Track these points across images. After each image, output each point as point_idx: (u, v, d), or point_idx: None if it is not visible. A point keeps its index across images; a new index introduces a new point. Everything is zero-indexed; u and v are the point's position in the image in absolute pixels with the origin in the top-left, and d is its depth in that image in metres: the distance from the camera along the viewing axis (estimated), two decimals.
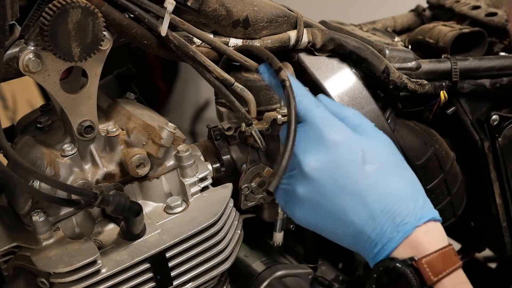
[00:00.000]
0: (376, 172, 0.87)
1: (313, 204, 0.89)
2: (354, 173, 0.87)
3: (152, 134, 1.01)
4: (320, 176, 0.88)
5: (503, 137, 1.24)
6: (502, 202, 1.28)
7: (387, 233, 0.85)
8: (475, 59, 1.24)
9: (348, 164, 0.87)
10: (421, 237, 0.85)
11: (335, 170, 0.87)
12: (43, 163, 0.95)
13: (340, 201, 0.87)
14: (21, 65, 0.91)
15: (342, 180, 0.87)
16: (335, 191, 0.87)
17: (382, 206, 0.86)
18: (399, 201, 0.86)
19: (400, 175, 0.89)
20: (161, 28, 0.97)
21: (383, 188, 0.86)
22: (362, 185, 0.87)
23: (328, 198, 0.87)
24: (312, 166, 0.88)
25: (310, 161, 0.88)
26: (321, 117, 0.91)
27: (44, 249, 0.96)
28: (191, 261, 1.01)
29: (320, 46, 1.15)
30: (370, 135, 0.92)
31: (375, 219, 0.85)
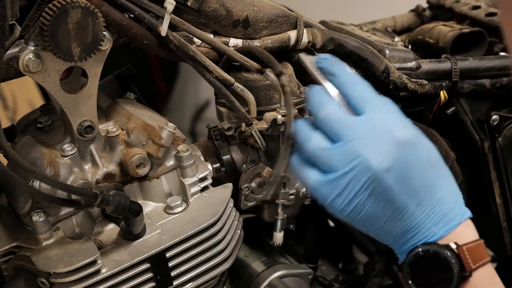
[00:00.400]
0: (436, 174, 0.88)
1: (371, 203, 0.86)
2: (422, 172, 0.86)
3: (152, 134, 1.01)
4: (390, 178, 0.84)
5: (503, 137, 1.24)
6: (502, 202, 1.28)
7: (437, 227, 0.86)
8: (475, 59, 1.24)
9: (418, 166, 0.86)
10: (462, 231, 0.87)
11: (405, 172, 0.85)
12: (43, 163, 0.95)
13: (402, 202, 0.85)
14: (21, 65, 0.91)
15: (411, 181, 0.85)
16: (400, 193, 0.85)
17: (437, 206, 0.87)
18: (449, 201, 0.88)
19: (449, 175, 0.90)
20: (161, 28, 0.97)
21: (439, 190, 0.87)
22: (425, 186, 0.86)
23: (391, 198, 0.85)
24: (383, 167, 0.84)
25: (381, 161, 0.84)
26: (388, 110, 0.89)
27: (44, 249, 0.96)
28: (191, 261, 1.01)
29: (320, 46, 1.15)
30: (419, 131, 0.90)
31: (428, 217, 0.86)
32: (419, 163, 0.86)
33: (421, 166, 0.86)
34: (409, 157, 0.85)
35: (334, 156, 0.85)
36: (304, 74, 1.15)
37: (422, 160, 0.86)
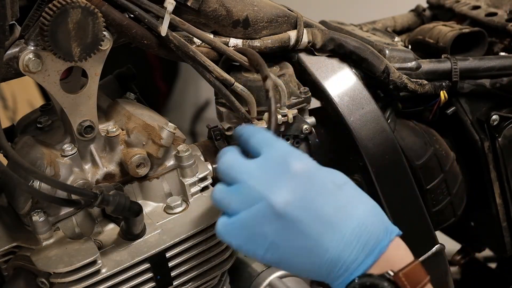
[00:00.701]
0: (346, 195, 0.85)
1: (283, 239, 0.83)
2: (327, 200, 0.83)
3: (152, 134, 1.01)
4: (293, 210, 0.82)
5: (503, 137, 1.24)
6: (502, 202, 1.28)
7: (365, 253, 0.82)
8: (475, 59, 1.24)
9: (321, 191, 0.83)
10: (393, 253, 0.83)
11: (309, 200, 0.83)
12: (43, 163, 0.95)
13: (315, 231, 0.82)
14: (21, 65, 0.91)
15: (318, 208, 0.83)
16: (309, 223, 0.82)
17: (356, 229, 0.82)
18: (371, 221, 0.83)
19: (363, 194, 0.87)
20: (161, 28, 0.97)
21: (355, 211, 0.83)
22: (336, 209, 0.83)
23: (302, 230, 0.82)
24: (283, 200, 0.82)
25: (280, 196, 0.82)
26: (282, 147, 0.87)
27: (44, 249, 0.96)
28: (191, 261, 1.01)
29: (320, 46, 1.15)
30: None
31: (350, 243, 0.82)
32: (322, 188, 0.84)
33: (325, 191, 0.84)
34: (309, 185, 0.83)
35: (234, 200, 0.85)
36: (304, 74, 1.15)
37: (325, 184, 0.84)
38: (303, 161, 0.86)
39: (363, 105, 1.14)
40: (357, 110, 1.13)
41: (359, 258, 0.82)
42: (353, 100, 1.13)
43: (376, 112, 1.14)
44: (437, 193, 1.24)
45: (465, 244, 1.46)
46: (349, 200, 0.84)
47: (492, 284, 1.64)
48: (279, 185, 0.83)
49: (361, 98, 1.14)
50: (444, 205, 1.25)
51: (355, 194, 0.86)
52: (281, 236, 0.83)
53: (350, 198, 0.85)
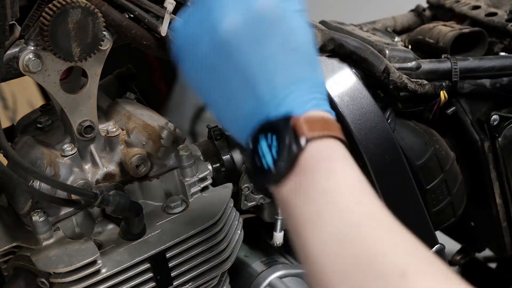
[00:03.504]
0: (296, 56, 0.76)
1: (222, 65, 0.76)
2: (277, 51, 0.75)
3: (152, 134, 1.01)
4: (237, 40, 0.75)
5: (503, 137, 1.24)
6: (502, 202, 1.28)
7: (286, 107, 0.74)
8: (475, 59, 1.24)
9: (273, 40, 0.75)
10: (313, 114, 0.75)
11: (256, 41, 0.75)
12: (43, 163, 0.95)
13: (255, 68, 0.75)
14: (21, 65, 0.91)
15: (263, 54, 0.75)
16: (252, 57, 0.75)
17: (297, 88, 0.75)
18: (313, 88, 0.77)
19: (313, 60, 0.78)
20: (161, 28, 0.97)
21: (303, 73, 0.76)
22: (283, 65, 0.75)
23: (241, 61, 0.75)
24: (230, 28, 0.75)
25: (228, 22, 0.75)
26: None
27: (44, 249, 0.96)
28: (191, 261, 1.01)
29: (320, 46, 1.15)
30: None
31: (287, 94, 0.75)
32: (275, 39, 0.75)
33: (277, 44, 0.75)
34: (264, 28, 0.75)
35: (191, 12, 0.78)
36: None
37: (279, 37, 0.75)
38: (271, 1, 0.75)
39: (363, 105, 1.13)
40: (357, 110, 1.13)
41: (279, 110, 0.74)
42: (353, 100, 1.13)
43: (376, 112, 1.14)
44: (437, 193, 1.24)
45: (465, 244, 1.46)
46: (296, 66, 0.76)
47: (492, 284, 1.64)
48: (234, 13, 0.75)
49: (361, 98, 1.14)
50: (444, 205, 1.25)
51: (306, 63, 0.77)
52: (218, 61, 0.76)
53: (297, 64, 0.76)
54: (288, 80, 0.75)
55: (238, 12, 0.75)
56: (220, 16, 0.75)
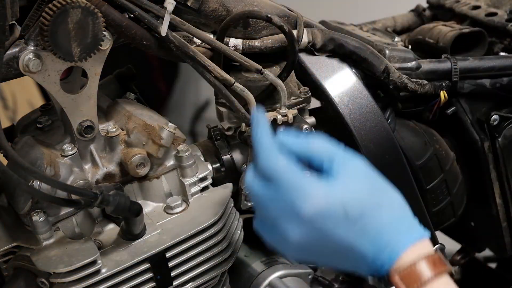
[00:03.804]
0: (361, 218, 0.84)
1: (308, 251, 0.87)
2: (341, 234, 0.84)
3: (152, 134, 1.01)
4: (309, 246, 0.85)
5: (503, 137, 1.24)
6: (502, 202, 1.28)
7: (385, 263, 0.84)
8: (475, 59, 1.24)
9: (332, 229, 0.83)
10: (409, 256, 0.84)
11: (321, 239, 0.84)
12: (43, 163, 0.95)
13: (336, 260, 0.87)
14: (21, 65, 0.91)
15: (325, 245, 0.85)
16: (327, 255, 0.86)
17: (376, 245, 0.84)
18: (388, 231, 0.85)
19: (382, 208, 0.86)
20: (161, 28, 0.97)
21: (374, 228, 0.84)
22: (347, 240, 0.84)
23: (321, 259, 0.88)
24: (297, 239, 0.84)
25: (294, 233, 0.84)
26: (288, 181, 0.84)
27: (44, 249, 0.96)
28: (191, 261, 1.01)
29: (320, 46, 1.15)
30: (343, 175, 0.85)
31: (374, 261, 0.84)
32: (336, 226, 0.84)
33: (339, 227, 0.84)
34: (322, 226, 0.83)
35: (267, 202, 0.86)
36: (304, 74, 1.15)
37: (338, 221, 0.84)
38: (312, 199, 0.83)
39: (363, 105, 1.14)
40: (357, 110, 1.13)
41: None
42: (353, 100, 1.13)
43: (376, 112, 1.14)
44: (437, 193, 1.24)
45: (465, 244, 1.46)
46: (365, 221, 0.84)
47: (492, 284, 1.64)
48: (292, 223, 0.84)
49: (361, 98, 1.14)
50: (444, 205, 1.25)
51: (371, 212, 0.84)
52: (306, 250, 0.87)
53: (366, 217, 0.84)
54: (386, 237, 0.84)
55: (296, 226, 0.84)
56: (288, 228, 0.85)
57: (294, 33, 1.12)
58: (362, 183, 0.86)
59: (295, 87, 1.12)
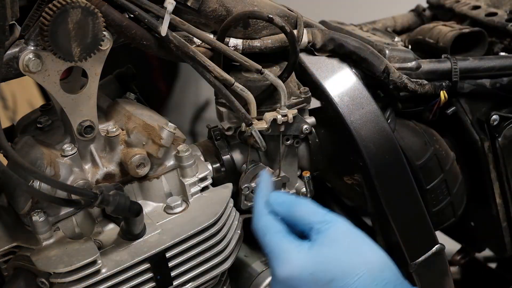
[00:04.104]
0: (331, 284, 0.89)
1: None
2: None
3: (152, 134, 1.01)
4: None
5: (503, 137, 1.24)
6: (502, 202, 1.28)
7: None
8: (475, 59, 1.24)
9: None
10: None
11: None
12: (43, 163, 0.95)
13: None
14: (21, 65, 0.91)
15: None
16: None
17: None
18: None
19: (353, 275, 0.90)
20: (161, 28, 0.97)
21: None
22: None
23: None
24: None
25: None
26: (269, 248, 0.93)
27: (44, 249, 0.96)
28: (191, 261, 1.01)
29: (320, 46, 1.15)
30: (319, 243, 0.92)
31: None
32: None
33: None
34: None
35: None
36: (304, 74, 1.15)
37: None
38: (287, 264, 0.91)
39: (363, 105, 1.14)
40: (357, 110, 1.13)
41: None
42: (353, 100, 1.13)
43: (376, 112, 1.14)
44: (437, 193, 1.24)
45: (465, 244, 1.46)
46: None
47: (492, 284, 1.64)
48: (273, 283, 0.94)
49: (361, 98, 1.14)
50: (444, 205, 1.25)
51: (343, 276, 0.89)
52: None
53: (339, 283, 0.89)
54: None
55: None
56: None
57: (294, 33, 1.12)
58: (336, 250, 0.91)
59: (295, 87, 1.12)
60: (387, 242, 1.18)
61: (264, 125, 1.06)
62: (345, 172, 1.22)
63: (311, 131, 1.11)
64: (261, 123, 1.07)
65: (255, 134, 1.07)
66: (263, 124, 1.06)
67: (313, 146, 1.14)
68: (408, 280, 1.16)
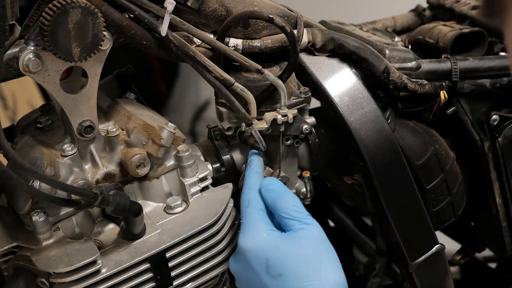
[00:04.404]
0: (279, 282, 0.92)
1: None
2: (257, 281, 0.95)
3: (152, 134, 1.01)
4: (238, 276, 1.00)
5: (503, 137, 1.24)
6: (502, 202, 1.28)
7: None
8: (475, 59, 1.24)
9: (253, 272, 0.95)
10: None
11: (244, 275, 0.97)
12: (43, 163, 0.95)
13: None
14: (21, 65, 0.91)
15: (252, 284, 0.96)
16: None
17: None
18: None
19: (304, 284, 0.92)
20: (161, 28, 0.97)
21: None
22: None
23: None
24: (232, 267, 1.00)
25: (231, 263, 1.00)
26: (245, 218, 0.98)
27: (44, 249, 0.96)
28: (191, 261, 1.01)
29: (320, 46, 1.15)
30: (289, 239, 0.95)
31: None
32: (256, 272, 0.95)
33: (258, 274, 0.95)
34: (248, 264, 0.96)
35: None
36: (304, 74, 1.15)
37: (260, 269, 0.95)
38: (252, 238, 0.96)
39: (363, 105, 1.14)
40: (357, 110, 1.13)
41: None
42: (353, 100, 1.13)
43: (376, 112, 1.14)
44: (437, 193, 1.24)
45: (465, 244, 1.46)
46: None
47: (492, 284, 1.64)
48: (233, 255, 1.02)
49: (361, 98, 1.14)
50: (444, 205, 1.25)
51: (290, 281, 0.93)
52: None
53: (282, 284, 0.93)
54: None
55: (234, 256, 1.01)
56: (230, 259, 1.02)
57: (295, 33, 1.12)
58: (298, 251, 0.94)
59: (295, 87, 1.12)
60: (387, 242, 1.18)
61: (264, 125, 1.06)
62: (345, 172, 1.22)
63: (311, 131, 1.11)
64: (261, 123, 1.07)
65: (255, 134, 1.07)
66: (263, 124, 1.06)
67: (313, 146, 1.13)
68: (408, 280, 1.17)
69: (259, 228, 0.96)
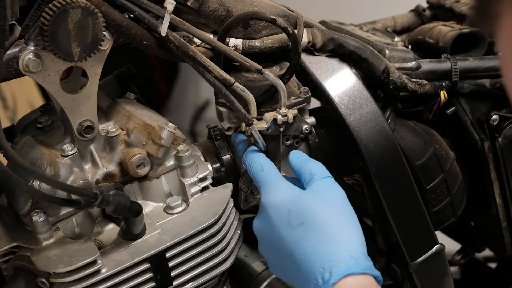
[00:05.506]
0: (299, 231, 0.92)
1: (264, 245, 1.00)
2: (278, 235, 0.94)
3: (152, 134, 1.01)
4: (261, 236, 0.99)
5: (503, 137, 1.24)
6: (502, 202, 1.28)
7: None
8: (475, 59, 1.24)
9: (275, 227, 0.94)
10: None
11: (267, 233, 0.96)
12: (43, 163, 0.95)
13: (279, 258, 0.95)
14: (21, 65, 0.91)
15: (274, 241, 0.95)
16: (273, 250, 0.97)
17: (306, 264, 0.89)
18: (320, 260, 0.89)
19: (324, 234, 0.91)
20: (161, 28, 0.97)
21: (304, 247, 0.91)
22: (288, 244, 0.92)
23: (272, 254, 0.98)
24: (255, 227, 0.99)
25: (254, 223, 0.99)
26: (263, 180, 0.99)
27: (44, 249, 0.96)
28: (191, 261, 1.01)
29: (320, 46, 1.15)
30: (312, 192, 0.96)
31: (305, 276, 0.89)
32: (279, 224, 0.94)
33: (280, 227, 0.94)
34: (270, 219, 0.95)
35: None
36: (304, 74, 1.15)
37: (282, 222, 0.94)
38: (273, 193, 0.97)
39: (363, 105, 1.14)
40: (357, 110, 1.13)
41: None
42: (353, 100, 1.13)
43: (376, 112, 1.14)
44: (437, 193, 1.24)
45: (465, 244, 1.46)
46: (302, 236, 0.92)
47: (492, 284, 1.64)
48: (257, 215, 1.00)
49: (361, 98, 1.14)
50: (444, 205, 1.25)
51: (311, 233, 0.92)
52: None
53: (304, 234, 0.92)
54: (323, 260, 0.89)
55: (258, 215, 1.00)
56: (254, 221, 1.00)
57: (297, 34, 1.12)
58: (321, 202, 0.94)
59: (295, 87, 1.12)
60: (387, 242, 1.18)
61: (264, 125, 1.06)
62: (345, 172, 1.22)
63: (311, 131, 1.11)
64: (261, 123, 1.07)
65: (255, 134, 1.07)
66: (263, 124, 1.06)
67: (313, 146, 1.13)
68: (408, 280, 1.16)
69: (280, 185, 0.98)
